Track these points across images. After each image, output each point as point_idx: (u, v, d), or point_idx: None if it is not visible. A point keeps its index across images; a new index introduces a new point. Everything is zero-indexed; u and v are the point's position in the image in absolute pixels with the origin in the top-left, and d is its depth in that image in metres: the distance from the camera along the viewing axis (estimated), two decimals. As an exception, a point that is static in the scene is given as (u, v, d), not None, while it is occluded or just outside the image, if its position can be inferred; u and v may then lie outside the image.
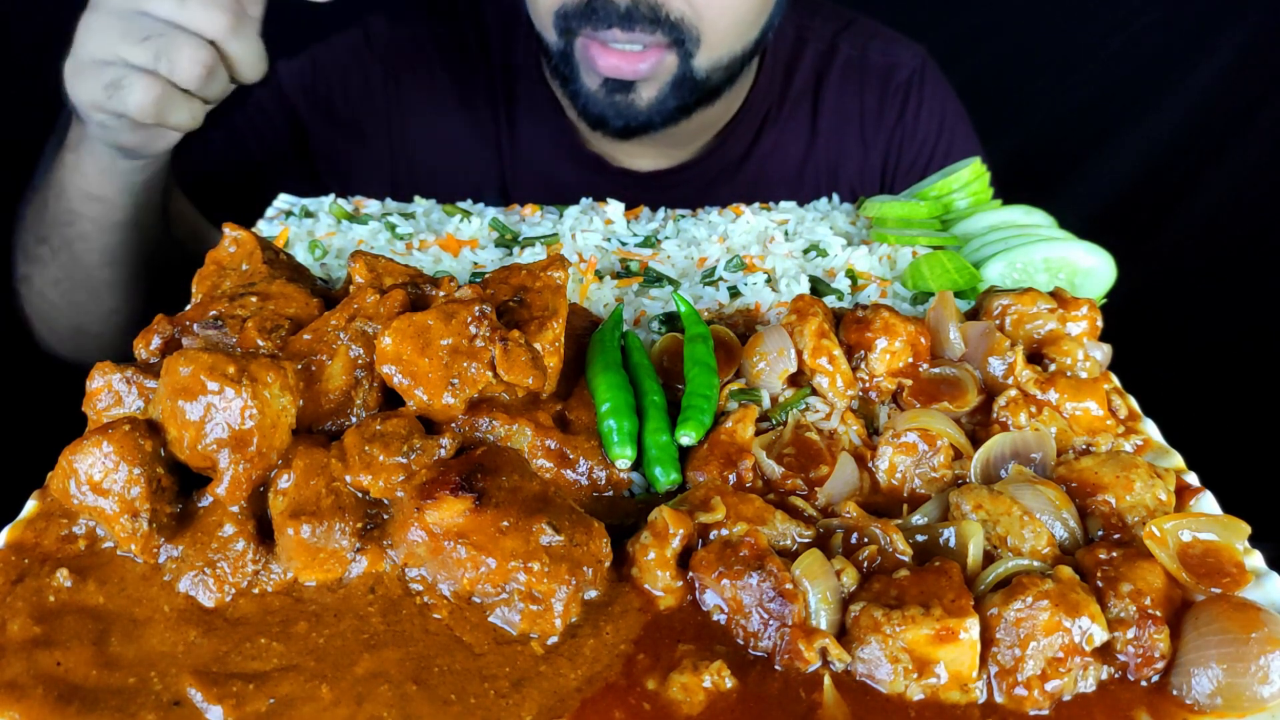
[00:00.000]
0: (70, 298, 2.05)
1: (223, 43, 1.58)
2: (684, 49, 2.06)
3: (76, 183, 1.87)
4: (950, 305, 1.43)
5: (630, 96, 2.13)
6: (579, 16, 2.03)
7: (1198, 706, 0.98)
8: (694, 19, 2.02)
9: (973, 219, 1.83)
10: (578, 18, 2.03)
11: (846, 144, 2.51)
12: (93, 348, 2.12)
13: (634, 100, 2.13)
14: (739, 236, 1.79)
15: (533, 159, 2.43)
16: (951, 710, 0.98)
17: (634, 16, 1.98)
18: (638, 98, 2.13)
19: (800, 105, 2.50)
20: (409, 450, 1.13)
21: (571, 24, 2.05)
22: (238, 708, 0.95)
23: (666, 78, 2.11)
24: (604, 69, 2.07)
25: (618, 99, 2.13)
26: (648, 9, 1.98)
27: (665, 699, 0.98)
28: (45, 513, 1.13)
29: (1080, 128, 3.62)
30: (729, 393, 1.33)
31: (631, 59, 2.05)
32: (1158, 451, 1.31)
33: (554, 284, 1.34)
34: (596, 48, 2.05)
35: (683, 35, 2.03)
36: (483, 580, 1.05)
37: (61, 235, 1.96)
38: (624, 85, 2.11)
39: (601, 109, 2.15)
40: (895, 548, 1.10)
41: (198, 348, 1.12)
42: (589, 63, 2.09)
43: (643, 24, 1.99)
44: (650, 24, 2.00)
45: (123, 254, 1.99)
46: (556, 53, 2.14)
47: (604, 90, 2.13)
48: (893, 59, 2.53)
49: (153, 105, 1.57)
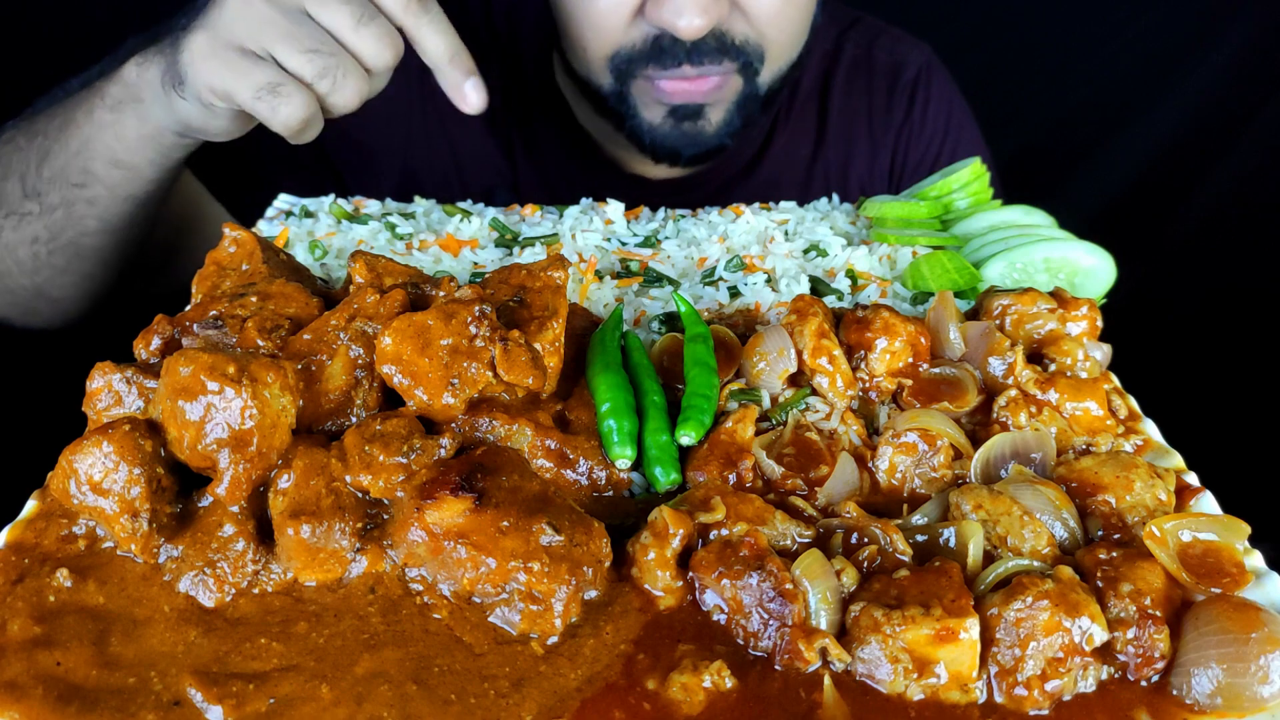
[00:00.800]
0: (47, 259, 1.94)
1: (378, 76, 1.53)
2: (750, 68, 2.03)
3: (107, 144, 1.76)
4: (950, 305, 1.43)
5: (700, 123, 2.08)
6: (641, 59, 1.98)
7: (1198, 706, 0.98)
8: (757, 39, 2.00)
9: (973, 219, 1.83)
10: (640, 60, 1.99)
11: (855, 144, 2.50)
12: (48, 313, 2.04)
13: (703, 127, 2.09)
14: (739, 236, 1.79)
15: (545, 165, 2.41)
16: (951, 710, 0.98)
17: (702, 49, 1.94)
18: (706, 123, 2.08)
19: (807, 107, 2.49)
20: (409, 450, 1.13)
21: (633, 67, 2.01)
22: (238, 708, 0.95)
23: (733, 98, 2.08)
24: (675, 95, 2.01)
25: (686, 127, 2.08)
26: (714, 39, 1.94)
27: (665, 699, 0.98)
28: (45, 513, 1.13)
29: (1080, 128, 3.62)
30: (729, 393, 1.33)
31: (699, 82, 2.01)
32: (1158, 451, 1.31)
33: (554, 284, 1.34)
34: (660, 80, 2.00)
35: (749, 57, 2.00)
36: (483, 580, 1.05)
37: (65, 194, 1.85)
38: (692, 111, 2.06)
39: (671, 141, 2.10)
40: (895, 548, 1.10)
41: (198, 348, 1.12)
42: (652, 94, 2.04)
43: (711, 55, 1.96)
44: (718, 53, 1.96)
45: (123, 225, 1.90)
46: (611, 94, 2.08)
47: (670, 121, 2.08)
48: (899, 58, 2.52)
49: (300, 123, 1.49)
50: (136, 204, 1.87)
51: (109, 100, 1.73)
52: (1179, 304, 3.49)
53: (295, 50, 1.46)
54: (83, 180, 1.82)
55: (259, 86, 1.46)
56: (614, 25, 1.97)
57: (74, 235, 1.89)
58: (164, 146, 1.74)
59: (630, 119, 2.11)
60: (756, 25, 1.98)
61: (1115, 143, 3.63)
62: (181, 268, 2.20)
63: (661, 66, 1.98)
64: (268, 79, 1.46)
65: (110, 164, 1.78)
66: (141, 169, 1.79)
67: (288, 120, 1.47)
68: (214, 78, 1.50)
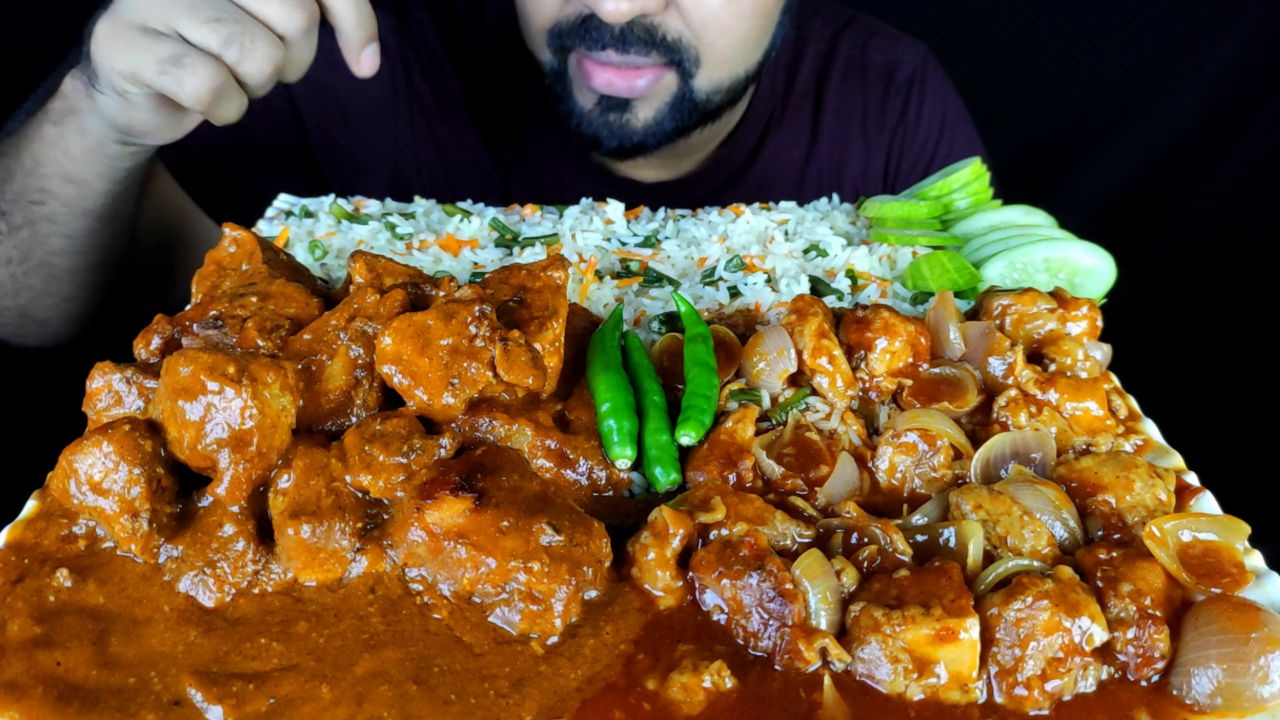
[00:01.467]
0: (22, 280, 1.92)
1: (293, 42, 1.49)
2: (683, 69, 2.01)
3: (56, 160, 1.74)
4: (950, 305, 1.43)
5: (626, 116, 2.06)
6: (573, 34, 1.97)
7: (1198, 706, 0.98)
8: (692, 39, 1.97)
9: (973, 219, 1.83)
10: (571, 35, 1.97)
11: (849, 145, 2.49)
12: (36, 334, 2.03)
13: (629, 120, 2.07)
14: (739, 236, 1.79)
15: (536, 168, 2.40)
16: (951, 710, 0.98)
17: (628, 38, 1.92)
18: (634, 117, 2.07)
19: (802, 107, 2.47)
20: (409, 450, 1.13)
21: (565, 41, 2.00)
22: (238, 708, 0.95)
23: (665, 97, 2.05)
24: (599, 85, 2.01)
25: (612, 118, 2.07)
26: (643, 30, 1.92)
27: (665, 699, 0.98)
28: (45, 513, 1.13)
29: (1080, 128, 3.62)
30: (729, 393, 1.33)
31: (627, 75, 1.99)
32: (1158, 451, 1.31)
33: (554, 284, 1.34)
34: (591, 64, 1.99)
35: (680, 56, 1.98)
36: (483, 580, 1.05)
37: (26, 213, 1.82)
38: (620, 104, 2.04)
39: (596, 129, 2.09)
40: (895, 548, 1.10)
41: (198, 348, 1.12)
42: (583, 80, 2.03)
43: (638, 45, 1.93)
44: (645, 45, 1.94)
45: (90, 243, 1.87)
46: (550, 71, 2.08)
47: (599, 109, 2.06)
48: (894, 57, 2.51)
49: (209, 93, 1.44)
50: (96, 219, 1.84)
51: (52, 115, 1.71)
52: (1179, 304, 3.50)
53: (198, 21, 1.42)
54: (40, 198, 1.80)
55: (161, 60, 1.43)
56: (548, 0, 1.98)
57: (43, 255, 1.87)
58: (108, 156, 1.72)
59: (565, 100, 2.10)
60: (692, 25, 1.95)
61: (1115, 143, 3.63)
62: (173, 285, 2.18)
63: (587, 47, 1.96)
64: (170, 51, 1.42)
65: (62, 179, 1.76)
66: (91, 182, 1.77)
67: (195, 92, 1.43)
68: (118, 59, 1.47)
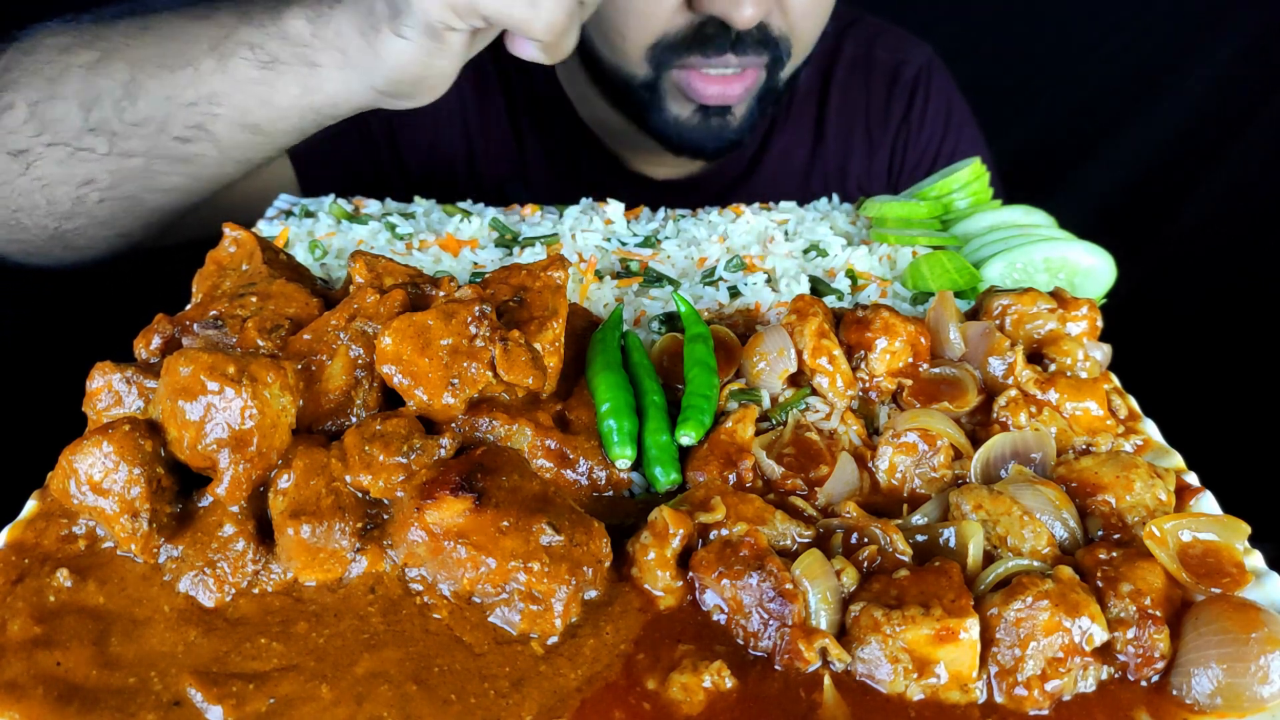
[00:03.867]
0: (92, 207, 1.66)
1: None
2: (776, 62, 2.05)
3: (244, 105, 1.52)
4: (950, 305, 1.43)
5: (727, 119, 2.11)
6: (682, 47, 1.98)
7: (1198, 706, 0.98)
8: (787, 32, 2.02)
9: (973, 219, 1.83)
10: (680, 49, 1.98)
11: (853, 143, 2.51)
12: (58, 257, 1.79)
13: (729, 121, 2.12)
14: (739, 236, 1.79)
15: (550, 160, 2.42)
16: (951, 710, 0.98)
17: (746, 40, 1.96)
18: (733, 119, 2.12)
19: (806, 107, 2.49)
20: (409, 450, 1.13)
21: (668, 56, 2.00)
22: (238, 708, 0.95)
23: (754, 93, 2.10)
24: (709, 98, 2.03)
25: (714, 123, 2.11)
26: (759, 30, 1.96)
27: (665, 699, 0.98)
28: (45, 513, 1.13)
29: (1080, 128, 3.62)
30: (729, 393, 1.33)
31: (733, 83, 2.03)
32: (1158, 451, 1.31)
33: (554, 284, 1.34)
34: (698, 77, 2.01)
35: (780, 51, 2.03)
36: (483, 580, 1.05)
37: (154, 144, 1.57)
38: (722, 110, 2.09)
39: (698, 136, 2.13)
40: (895, 548, 1.10)
41: (198, 348, 1.12)
42: (685, 91, 2.05)
43: (754, 47, 1.98)
44: (760, 45, 1.98)
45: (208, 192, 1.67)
46: (641, 85, 2.07)
47: (699, 117, 2.10)
48: (899, 57, 2.52)
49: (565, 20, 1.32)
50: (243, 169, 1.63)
51: (261, 55, 1.48)
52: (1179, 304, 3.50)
53: None
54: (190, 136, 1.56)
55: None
56: (661, 12, 1.95)
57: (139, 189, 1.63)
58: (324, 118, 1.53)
59: (658, 112, 2.10)
60: (791, 18, 2.00)
61: (1115, 143, 3.63)
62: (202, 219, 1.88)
63: (704, 55, 1.97)
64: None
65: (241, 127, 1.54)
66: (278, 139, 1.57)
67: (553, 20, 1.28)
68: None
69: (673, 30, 1.97)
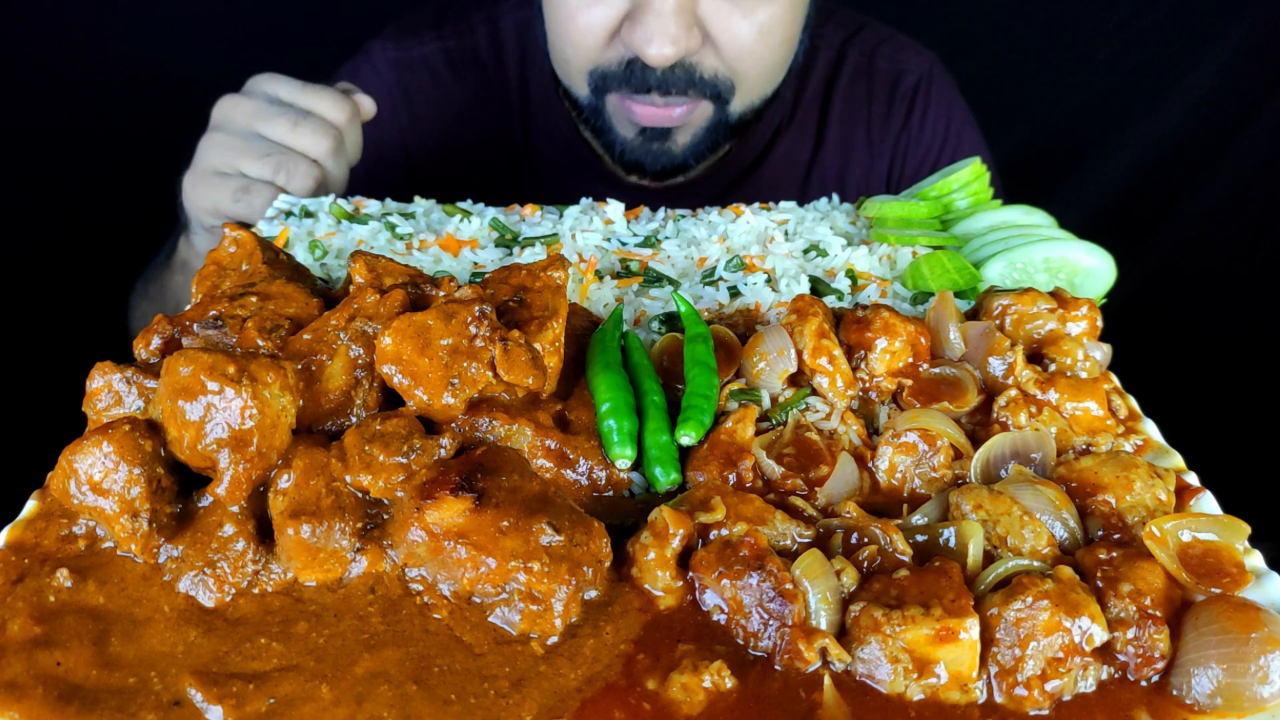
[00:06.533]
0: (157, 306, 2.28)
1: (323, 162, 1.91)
2: (719, 98, 2.11)
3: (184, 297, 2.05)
4: (950, 305, 1.42)
5: (667, 144, 2.20)
6: (615, 78, 2.08)
7: (1198, 706, 0.98)
8: (727, 73, 2.08)
9: (973, 219, 1.83)
10: (613, 79, 2.09)
11: (853, 150, 2.52)
12: None
13: (670, 146, 2.20)
14: (739, 236, 1.79)
15: (548, 169, 2.47)
16: (951, 710, 0.98)
17: (670, 81, 2.04)
18: (674, 144, 2.20)
19: (809, 113, 2.51)
20: (409, 450, 1.13)
21: (607, 84, 2.11)
22: (238, 708, 0.95)
23: (702, 123, 2.17)
24: (642, 119, 2.13)
25: (654, 146, 2.20)
26: (683, 71, 2.03)
27: (665, 699, 0.98)
28: (45, 513, 1.13)
29: (1080, 128, 3.62)
30: (729, 393, 1.33)
31: (667, 109, 2.11)
32: (1158, 451, 1.31)
33: (554, 284, 1.34)
34: (633, 103, 2.11)
35: (718, 88, 2.09)
36: (483, 580, 1.05)
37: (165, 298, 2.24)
38: (661, 133, 2.17)
39: (638, 156, 2.23)
40: (895, 548, 1.10)
41: (198, 348, 1.12)
42: (624, 114, 2.15)
43: (678, 87, 2.05)
44: (685, 85, 2.05)
45: None
46: (587, 107, 2.20)
47: (641, 139, 2.20)
48: (901, 65, 2.53)
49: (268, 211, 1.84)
50: None
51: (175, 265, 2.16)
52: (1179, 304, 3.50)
53: (253, 159, 1.88)
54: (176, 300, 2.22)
55: (234, 191, 1.88)
56: (591, 44, 2.07)
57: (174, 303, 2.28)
58: None
59: (605, 133, 2.24)
60: (727, 60, 2.05)
61: (1115, 143, 3.63)
62: None
63: (632, 90, 2.08)
64: (237, 185, 1.89)
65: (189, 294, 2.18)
66: None
67: (262, 210, 1.86)
68: (201, 200, 1.92)
69: (605, 61, 2.09)
